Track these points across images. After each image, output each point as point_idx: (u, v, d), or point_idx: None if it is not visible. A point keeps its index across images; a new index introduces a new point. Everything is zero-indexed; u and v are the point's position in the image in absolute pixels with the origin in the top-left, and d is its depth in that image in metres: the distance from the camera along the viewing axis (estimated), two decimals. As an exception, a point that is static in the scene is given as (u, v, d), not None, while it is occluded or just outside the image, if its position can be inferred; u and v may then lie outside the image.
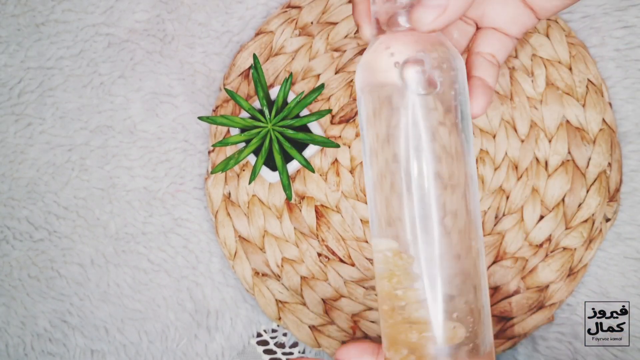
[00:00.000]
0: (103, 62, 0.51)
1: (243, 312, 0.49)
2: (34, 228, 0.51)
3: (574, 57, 0.47)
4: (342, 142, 0.48)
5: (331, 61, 0.49)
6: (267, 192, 0.48)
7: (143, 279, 0.49)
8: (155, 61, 0.51)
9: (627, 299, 0.46)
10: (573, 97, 0.47)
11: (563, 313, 0.46)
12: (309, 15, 0.49)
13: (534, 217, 0.46)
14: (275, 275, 0.48)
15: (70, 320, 0.50)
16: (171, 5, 0.51)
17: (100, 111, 0.51)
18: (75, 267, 0.50)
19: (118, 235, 0.50)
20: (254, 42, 0.50)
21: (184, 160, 0.50)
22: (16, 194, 0.51)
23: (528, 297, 0.46)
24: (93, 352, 0.49)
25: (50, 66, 0.51)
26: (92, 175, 0.50)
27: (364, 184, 0.48)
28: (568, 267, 0.46)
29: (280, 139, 0.43)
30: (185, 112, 0.50)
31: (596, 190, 0.46)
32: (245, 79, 0.49)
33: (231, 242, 0.48)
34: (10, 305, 0.50)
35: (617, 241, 0.47)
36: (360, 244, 0.47)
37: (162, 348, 0.49)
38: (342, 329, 0.47)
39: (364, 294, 0.47)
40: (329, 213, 0.48)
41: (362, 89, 0.31)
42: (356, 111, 0.48)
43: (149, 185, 0.50)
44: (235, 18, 0.51)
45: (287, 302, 0.48)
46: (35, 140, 0.51)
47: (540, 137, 0.47)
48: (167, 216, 0.50)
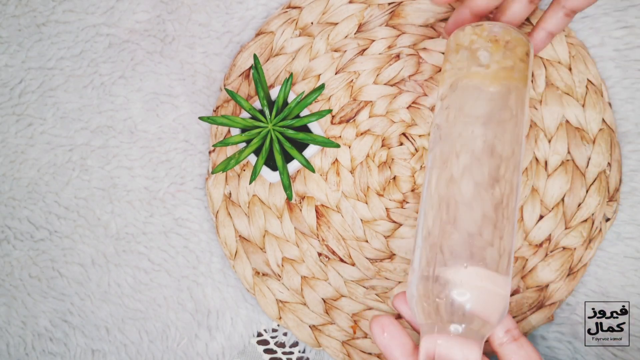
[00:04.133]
0: (104, 63, 0.51)
1: (243, 312, 0.49)
2: (34, 228, 0.51)
3: (574, 57, 0.47)
4: (342, 142, 0.48)
5: (331, 61, 0.49)
6: (268, 192, 0.48)
7: (144, 278, 0.49)
8: (155, 61, 0.51)
9: (627, 298, 0.46)
10: (573, 97, 0.47)
11: (563, 313, 0.46)
12: (310, 16, 0.49)
13: (534, 217, 0.46)
14: (276, 275, 0.48)
15: (71, 320, 0.50)
16: (171, 6, 0.51)
17: (100, 111, 0.51)
18: (76, 266, 0.50)
19: (119, 235, 0.50)
20: (254, 43, 0.50)
21: (184, 160, 0.50)
22: (17, 194, 0.51)
23: (528, 296, 0.46)
24: (94, 352, 0.49)
25: (51, 66, 0.52)
26: (93, 175, 0.50)
27: (363, 184, 0.48)
28: (568, 266, 0.46)
29: (281, 139, 0.43)
30: (186, 112, 0.50)
31: (596, 190, 0.46)
32: (245, 79, 0.49)
33: (232, 241, 0.48)
34: (11, 305, 0.50)
35: (616, 241, 0.47)
36: (360, 244, 0.48)
37: (162, 347, 0.49)
38: (342, 329, 0.47)
39: (364, 294, 0.47)
40: (329, 213, 0.48)
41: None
42: (356, 111, 0.48)
43: (149, 185, 0.50)
44: (236, 18, 0.51)
45: (288, 301, 0.48)
46: (36, 141, 0.51)
47: (540, 137, 0.47)
48: (168, 216, 0.50)
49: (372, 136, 0.48)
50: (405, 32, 0.49)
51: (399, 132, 0.48)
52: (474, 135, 0.37)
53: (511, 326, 0.37)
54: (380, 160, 0.48)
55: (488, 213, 0.36)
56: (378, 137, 0.48)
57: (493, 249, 0.36)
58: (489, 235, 0.36)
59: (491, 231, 0.36)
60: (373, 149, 0.48)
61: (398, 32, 0.49)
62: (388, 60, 0.49)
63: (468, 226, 0.36)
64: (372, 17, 0.49)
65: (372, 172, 0.48)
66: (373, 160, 0.48)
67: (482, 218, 0.36)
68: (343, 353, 0.47)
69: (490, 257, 0.35)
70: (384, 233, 0.47)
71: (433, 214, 0.37)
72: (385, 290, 0.47)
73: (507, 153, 0.37)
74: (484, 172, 0.37)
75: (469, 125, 0.38)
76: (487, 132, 0.37)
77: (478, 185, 0.36)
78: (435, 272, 0.35)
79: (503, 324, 0.37)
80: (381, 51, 0.49)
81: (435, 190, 0.37)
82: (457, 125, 0.38)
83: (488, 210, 0.36)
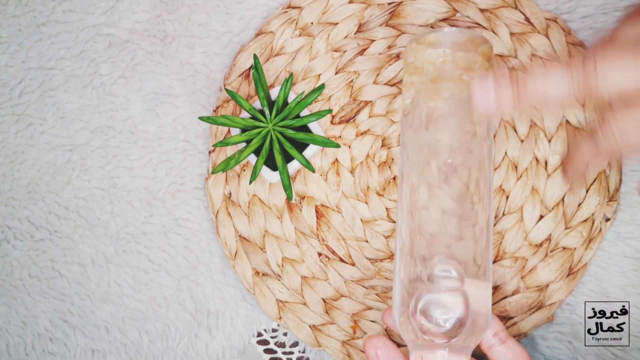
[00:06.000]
0: (104, 63, 0.51)
1: (243, 312, 0.49)
2: (34, 228, 0.51)
3: (574, 57, 0.47)
4: (342, 142, 0.48)
5: (331, 61, 0.49)
6: (268, 192, 0.48)
7: (144, 278, 0.49)
8: (155, 61, 0.51)
9: (627, 298, 0.46)
10: (573, 97, 0.47)
11: (563, 313, 0.46)
12: (310, 16, 0.49)
13: (534, 217, 0.46)
14: (276, 274, 0.48)
15: (71, 320, 0.50)
16: (171, 6, 0.51)
17: (100, 111, 0.51)
18: (76, 267, 0.50)
19: (119, 235, 0.50)
20: (254, 43, 0.50)
21: (184, 161, 0.50)
22: (17, 194, 0.51)
23: (528, 296, 0.46)
24: (94, 352, 0.49)
25: (51, 66, 0.52)
26: (93, 176, 0.50)
27: (363, 184, 0.48)
28: (568, 266, 0.46)
29: (281, 139, 0.43)
30: (186, 113, 0.50)
31: (596, 190, 0.46)
32: (245, 79, 0.49)
33: (232, 241, 0.48)
34: (11, 305, 0.50)
35: (616, 241, 0.47)
36: (360, 244, 0.48)
37: (162, 347, 0.49)
38: (342, 329, 0.47)
39: (364, 294, 0.47)
40: (329, 213, 0.48)
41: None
42: (356, 111, 0.48)
43: (149, 185, 0.50)
44: (236, 18, 0.51)
45: (288, 301, 0.48)
46: (36, 141, 0.51)
47: (540, 137, 0.47)
48: (168, 216, 0.50)
49: (372, 136, 0.48)
50: (405, 32, 0.49)
51: (399, 132, 0.48)
52: (421, 141, 0.38)
53: (498, 328, 0.38)
54: (380, 160, 0.48)
55: (449, 208, 0.36)
56: (378, 137, 0.48)
57: (465, 241, 0.36)
58: (454, 229, 0.36)
59: (456, 224, 0.36)
60: (373, 149, 0.48)
61: (398, 32, 0.49)
62: (388, 60, 0.49)
63: (430, 228, 0.36)
64: (372, 17, 0.49)
65: (372, 172, 0.48)
66: (373, 160, 0.48)
67: (441, 215, 0.36)
68: (343, 353, 0.47)
69: (462, 251, 0.36)
70: (384, 233, 0.47)
71: (404, 226, 0.38)
72: (385, 290, 0.47)
73: (456, 142, 0.37)
74: (433, 170, 0.37)
75: (421, 135, 0.38)
76: (436, 138, 0.37)
77: (431, 186, 0.37)
78: (413, 288, 0.36)
79: (491, 327, 0.38)
80: (381, 51, 0.49)
81: (404, 202, 0.38)
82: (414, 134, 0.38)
83: (448, 205, 0.36)
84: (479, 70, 0.37)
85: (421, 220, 0.37)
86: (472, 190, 0.37)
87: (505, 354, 0.37)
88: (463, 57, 0.37)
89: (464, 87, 0.37)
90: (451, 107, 0.37)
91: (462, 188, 0.37)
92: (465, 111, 0.37)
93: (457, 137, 0.37)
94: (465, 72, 0.37)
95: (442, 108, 0.37)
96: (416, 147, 0.38)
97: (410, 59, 0.39)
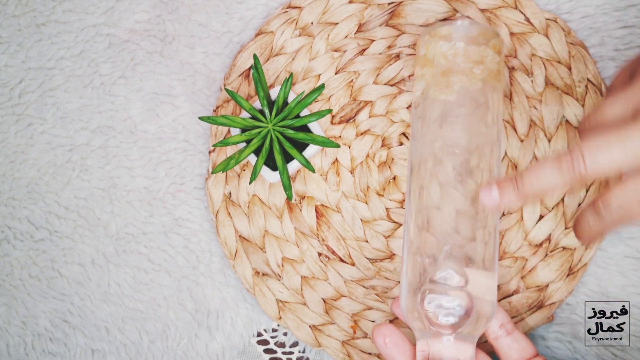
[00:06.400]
0: (104, 63, 0.51)
1: (243, 312, 0.49)
2: (34, 228, 0.51)
3: (574, 57, 0.47)
4: (342, 142, 0.48)
5: (331, 61, 0.49)
6: (268, 192, 0.48)
7: (144, 278, 0.49)
8: (155, 61, 0.51)
9: (627, 298, 0.46)
10: (572, 97, 0.47)
11: (563, 313, 0.46)
12: (310, 16, 0.49)
13: (534, 217, 0.46)
14: (276, 274, 0.48)
15: (71, 320, 0.50)
16: (171, 6, 0.51)
17: (100, 111, 0.51)
18: (76, 267, 0.50)
19: (119, 235, 0.50)
20: (254, 43, 0.50)
21: (184, 161, 0.50)
22: (17, 194, 0.51)
23: (528, 296, 0.46)
24: (94, 352, 0.50)
25: (51, 66, 0.52)
26: (93, 176, 0.51)
27: (363, 184, 0.48)
28: (568, 266, 0.46)
29: (281, 139, 0.43)
30: (186, 113, 0.50)
31: (596, 189, 0.46)
32: (245, 79, 0.49)
33: (232, 241, 0.48)
34: (11, 305, 0.50)
35: (616, 241, 0.47)
36: (360, 244, 0.48)
37: (162, 347, 0.49)
38: (342, 329, 0.47)
39: (364, 294, 0.47)
40: (329, 213, 0.48)
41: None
42: (356, 111, 0.48)
43: (149, 185, 0.50)
44: (236, 18, 0.51)
45: (288, 301, 0.48)
46: (36, 141, 0.51)
47: (539, 136, 0.47)
48: (168, 216, 0.50)
49: (372, 136, 0.48)
50: (405, 32, 0.49)
51: (399, 132, 0.48)
52: (432, 138, 0.38)
53: (505, 320, 0.39)
54: (380, 160, 0.48)
55: (462, 208, 0.36)
56: (378, 137, 0.48)
57: (475, 243, 0.36)
58: (467, 231, 0.36)
59: (470, 225, 0.36)
60: (373, 149, 0.48)
61: (398, 32, 0.49)
62: (388, 60, 0.49)
63: (441, 227, 0.36)
64: (372, 17, 0.49)
65: (372, 172, 0.48)
66: (373, 160, 0.48)
67: (455, 215, 0.36)
68: (343, 353, 0.47)
69: (473, 251, 0.36)
70: (384, 233, 0.47)
71: (413, 224, 0.38)
72: (385, 290, 0.47)
73: (473, 145, 0.38)
74: (447, 171, 0.37)
75: (430, 128, 0.38)
76: (444, 132, 0.38)
77: (444, 186, 0.37)
78: (420, 282, 0.36)
79: (497, 318, 0.38)
80: (381, 51, 0.49)
81: (412, 200, 0.38)
82: (424, 132, 0.39)
83: (462, 206, 0.36)
84: (490, 65, 0.38)
85: (431, 219, 0.37)
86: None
87: (512, 345, 0.38)
88: (474, 51, 0.38)
89: (475, 80, 0.37)
90: (461, 101, 0.37)
91: (474, 188, 0.37)
92: (480, 113, 0.38)
93: (473, 138, 0.37)
94: (476, 65, 0.38)
95: (454, 105, 0.38)
96: (426, 141, 0.38)
97: (422, 51, 0.39)
